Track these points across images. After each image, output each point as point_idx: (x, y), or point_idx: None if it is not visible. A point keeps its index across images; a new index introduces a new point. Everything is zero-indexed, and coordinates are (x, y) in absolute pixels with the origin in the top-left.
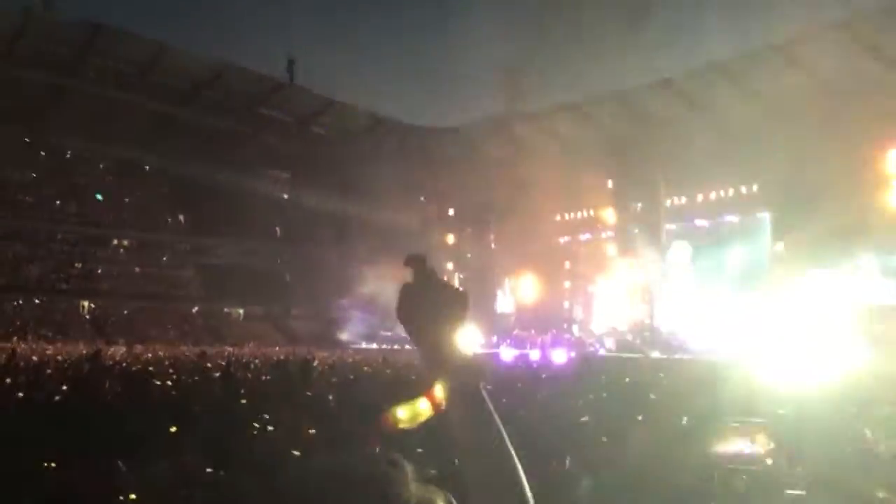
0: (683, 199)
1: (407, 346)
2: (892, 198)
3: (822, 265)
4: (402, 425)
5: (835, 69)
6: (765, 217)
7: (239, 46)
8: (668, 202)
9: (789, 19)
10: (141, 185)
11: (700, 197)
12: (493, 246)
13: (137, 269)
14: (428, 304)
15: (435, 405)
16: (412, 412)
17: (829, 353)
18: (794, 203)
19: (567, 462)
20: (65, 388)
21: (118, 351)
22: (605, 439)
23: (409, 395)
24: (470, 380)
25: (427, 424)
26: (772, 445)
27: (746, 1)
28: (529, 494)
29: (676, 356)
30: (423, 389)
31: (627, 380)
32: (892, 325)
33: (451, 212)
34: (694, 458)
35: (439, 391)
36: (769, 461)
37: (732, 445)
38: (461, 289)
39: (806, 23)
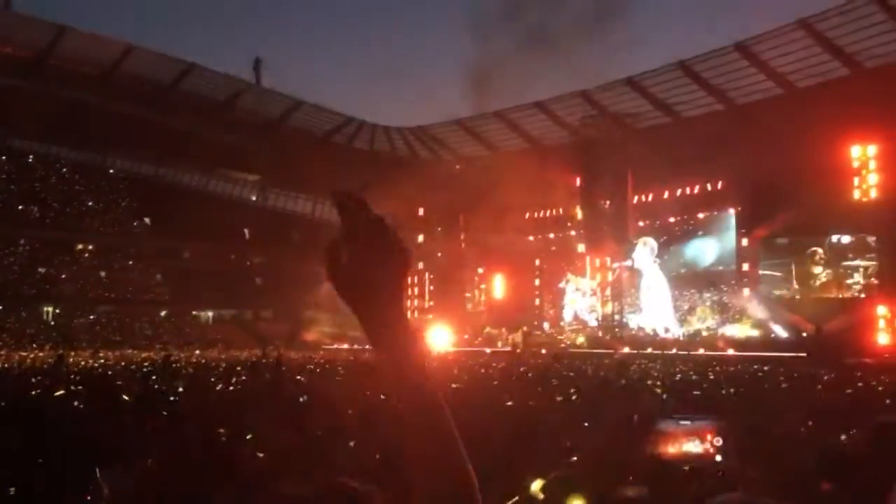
0: (650, 197)
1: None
2: (853, 192)
3: (781, 258)
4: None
5: (796, 67)
6: (731, 213)
7: (205, 47)
8: (636, 199)
9: (752, 18)
10: (105, 187)
11: (667, 194)
12: (463, 245)
13: (103, 274)
14: (372, 264)
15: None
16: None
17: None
18: (759, 199)
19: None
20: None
21: (83, 356)
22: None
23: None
24: (411, 364)
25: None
26: (720, 443)
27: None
28: (479, 498)
29: (647, 350)
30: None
31: (601, 374)
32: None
33: (420, 211)
34: (641, 459)
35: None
36: (718, 459)
37: (681, 445)
38: (403, 244)
39: (768, 21)
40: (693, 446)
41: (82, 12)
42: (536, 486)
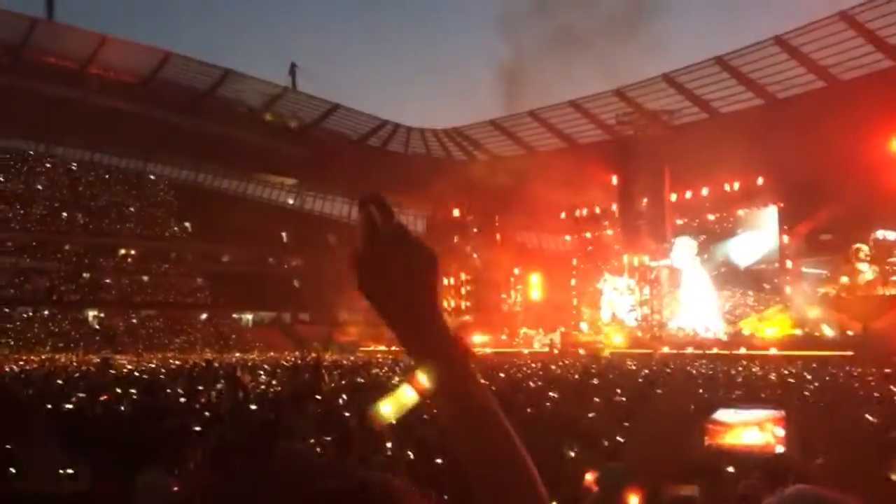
0: (689, 194)
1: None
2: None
3: (825, 255)
4: (390, 419)
5: (838, 59)
6: (772, 209)
7: (241, 53)
8: (674, 196)
9: (790, 10)
10: (147, 193)
11: (706, 190)
12: (499, 245)
13: (145, 278)
14: (396, 270)
15: (420, 391)
16: (397, 403)
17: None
18: (801, 194)
19: (573, 454)
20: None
21: (126, 360)
22: (614, 435)
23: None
24: (456, 369)
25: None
26: (782, 434)
27: None
28: (545, 496)
29: (687, 350)
30: (406, 375)
31: (640, 378)
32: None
33: (455, 212)
34: (699, 449)
35: (422, 376)
36: (780, 449)
37: (742, 434)
38: (427, 246)
39: (808, 14)
40: (754, 436)
41: (120, 21)
42: (591, 477)
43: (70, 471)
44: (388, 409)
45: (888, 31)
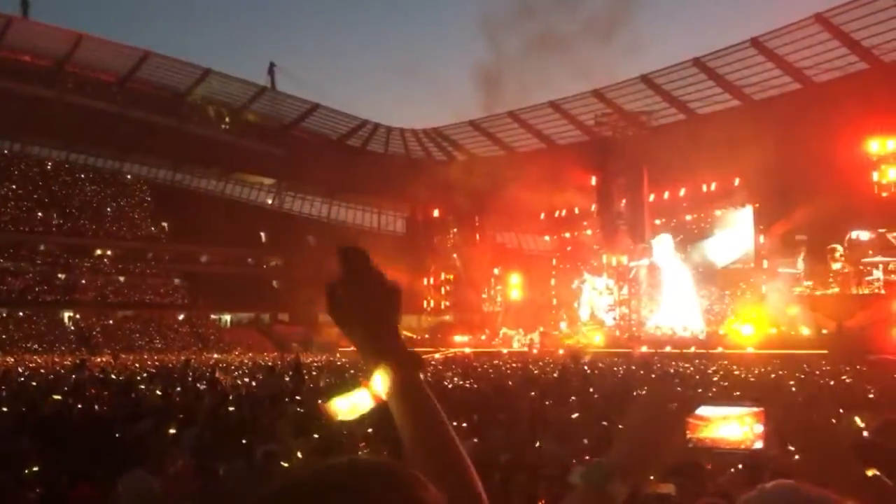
0: (667, 194)
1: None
2: (872, 187)
3: (800, 255)
4: (340, 417)
5: (813, 61)
6: (748, 209)
7: (220, 53)
8: (653, 196)
9: (766, 13)
10: (123, 193)
11: (683, 191)
12: (479, 245)
13: (122, 279)
14: (363, 306)
15: (374, 396)
16: (351, 404)
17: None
18: (777, 195)
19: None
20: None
21: (103, 361)
22: (593, 433)
23: (349, 386)
24: (408, 369)
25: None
26: (761, 430)
27: None
28: (482, 493)
29: (665, 349)
30: (362, 379)
31: (618, 377)
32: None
33: (435, 213)
34: (682, 444)
35: (378, 382)
36: (759, 444)
37: (720, 429)
38: (393, 282)
39: (784, 16)
40: (734, 432)
41: (98, 20)
42: (577, 473)
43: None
44: (342, 405)
45: (862, 34)
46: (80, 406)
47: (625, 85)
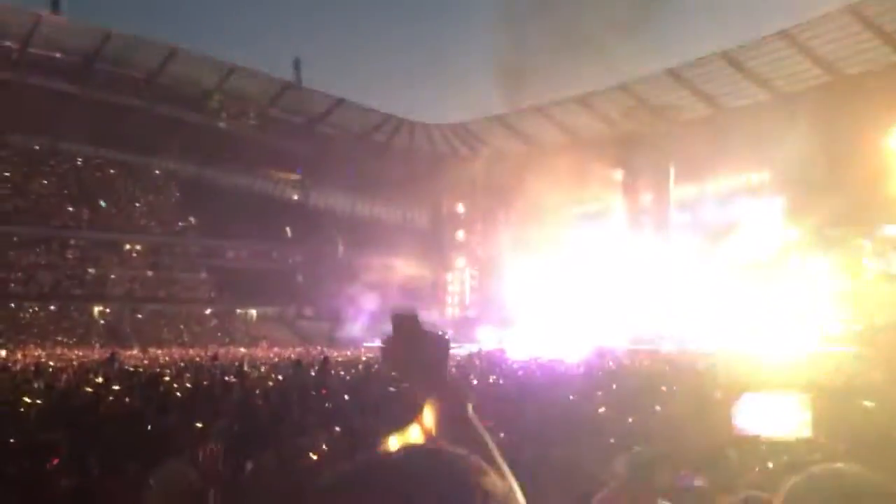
0: (694, 189)
1: None
2: None
3: (830, 248)
4: None
5: (841, 54)
6: (777, 203)
7: (246, 48)
8: (679, 192)
9: (795, 5)
10: (151, 188)
11: (710, 186)
12: (504, 241)
13: (150, 273)
14: (415, 363)
15: (425, 431)
16: (405, 440)
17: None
18: (806, 188)
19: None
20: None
21: (133, 355)
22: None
23: (403, 422)
24: (455, 405)
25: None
26: (808, 418)
27: None
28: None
29: (691, 347)
30: (414, 415)
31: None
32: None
33: (460, 207)
34: (727, 428)
35: (428, 417)
36: (806, 433)
37: (766, 416)
38: (443, 334)
39: (812, 8)
40: (781, 420)
41: (125, 16)
42: (621, 462)
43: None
44: (396, 444)
45: (895, 25)
46: (110, 398)
47: (651, 79)
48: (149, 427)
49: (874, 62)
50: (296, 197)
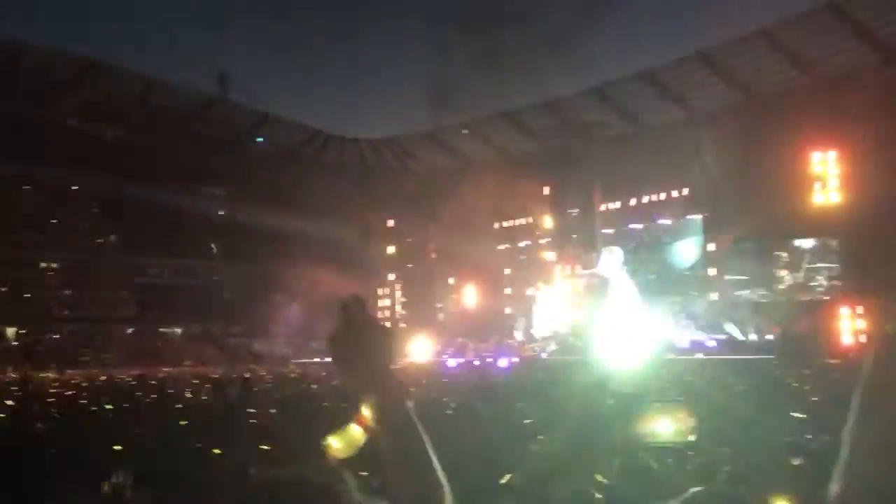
0: (618, 204)
1: None
2: (816, 196)
3: (747, 263)
4: (338, 454)
5: (758, 75)
6: (697, 219)
7: (169, 63)
8: (604, 207)
9: (714, 27)
10: (68, 204)
11: (633, 201)
12: (433, 255)
13: (68, 292)
14: (362, 350)
15: (366, 428)
16: (347, 439)
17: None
18: (723, 205)
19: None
20: None
21: (48, 377)
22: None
23: (342, 421)
24: (395, 400)
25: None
26: (693, 424)
27: (674, 10)
28: (450, 499)
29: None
30: (354, 414)
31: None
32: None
33: (390, 223)
34: (619, 436)
35: (368, 412)
36: (692, 438)
37: (655, 423)
38: (388, 326)
39: (730, 31)
40: (668, 426)
41: (42, 28)
42: (508, 477)
43: None
44: (337, 443)
45: (806, 49)
46: (21, 424)
47: (577, 97)
48: (62, 452)
49: (784, 84)
50: (221, 213)
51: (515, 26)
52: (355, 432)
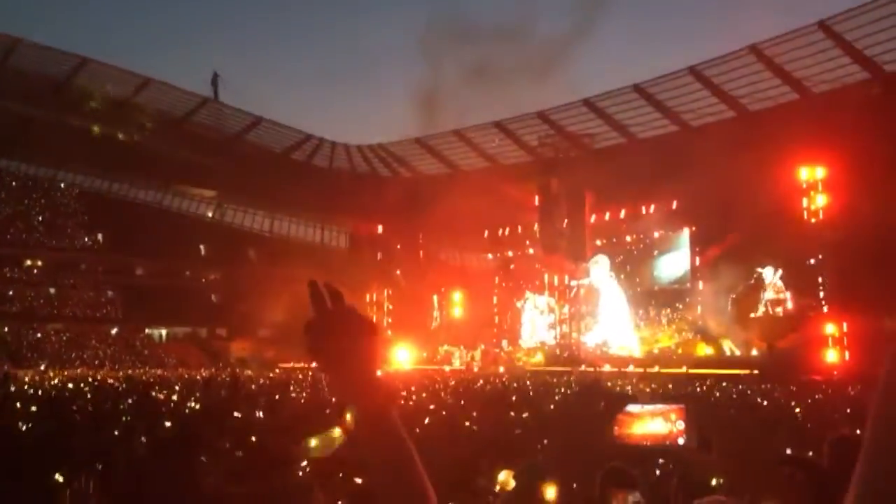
0: (608, 216)
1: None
2: (802, 213)
3: (733, 277)
4: (317, 454)
5: (747, 90)
6: (685, 232)
7: (163, 62)
8: (594, 218)
9: (704, 42)
10: (56, 203)
11: (623, 213)
12: (422, 263)
13: (52, 291)
14: (341, 342)
15: (346, 431)
16: (326, 440)
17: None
18: (713, 218)
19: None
20: None
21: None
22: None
23: (323, 423)
24: (379, 405)
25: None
26: (683, 427)
27: (665, 24)
28: (431, 495)
29: (604, 368)
30: (336, 416)
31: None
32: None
33: (379, 229)
34: (609, 440)
35: (350, 416)
36: (681, 441)
37: (647, 426)
38: (371, 318)
39: (719, 46)
40: (658, 427)
41: (35, 25)
42: (504, 475)
43: None
44: (317, 444)
45: (794, 65)
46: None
47: (568, 108)
48: (48, 453)
49: (773, 100)
50: (211, 214)
51: (503, 41)
52: (335, 435)
